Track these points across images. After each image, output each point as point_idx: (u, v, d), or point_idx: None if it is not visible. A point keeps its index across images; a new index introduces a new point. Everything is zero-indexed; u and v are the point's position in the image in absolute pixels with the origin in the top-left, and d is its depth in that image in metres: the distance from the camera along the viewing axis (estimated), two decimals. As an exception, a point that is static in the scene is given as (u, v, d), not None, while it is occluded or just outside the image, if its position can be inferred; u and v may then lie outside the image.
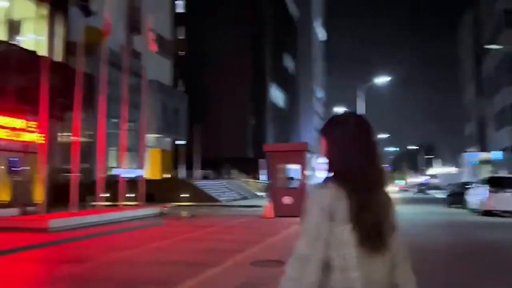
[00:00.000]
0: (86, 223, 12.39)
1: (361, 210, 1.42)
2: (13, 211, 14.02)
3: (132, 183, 20.52)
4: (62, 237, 10.13)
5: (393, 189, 54.23)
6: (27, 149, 14.61)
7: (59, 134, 26.79)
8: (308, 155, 15.88)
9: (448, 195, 25.41)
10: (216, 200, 26.56)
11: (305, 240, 1.42)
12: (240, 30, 46.50)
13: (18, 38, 15.99)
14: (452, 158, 71.62)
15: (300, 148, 15.91)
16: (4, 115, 13.24)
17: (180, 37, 48.27)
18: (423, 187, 54.45)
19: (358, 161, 1.48)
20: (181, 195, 27.04)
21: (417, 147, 77.67)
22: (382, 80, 25.37)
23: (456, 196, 22.95)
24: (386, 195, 1.53)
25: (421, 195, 46.49)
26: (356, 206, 1.42)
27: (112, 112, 27.52)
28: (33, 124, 14.28)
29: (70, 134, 29.01)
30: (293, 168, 16.12)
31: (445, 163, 77.89)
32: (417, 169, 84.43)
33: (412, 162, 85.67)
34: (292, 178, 16.32)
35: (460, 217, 17.34)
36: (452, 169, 65.25)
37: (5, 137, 13.29)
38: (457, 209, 21.13)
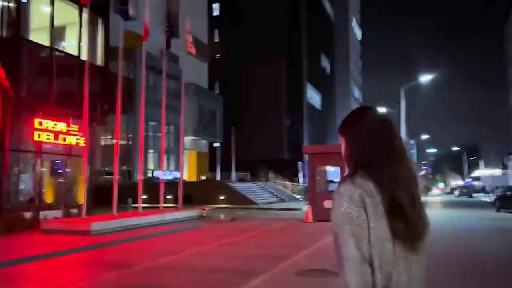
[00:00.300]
0: (127, 226, 12.43)
1: (396, 205, 1.36)
2: (57, 213, 14.30)
3: (169, 185, 20.63)
4: (105, 240, 10.15)
5: (433, 192, 52.34)
6: (69, 152, 14.88)
7: (100, 137, 27.39)
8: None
9: (497, 199, 24.12)
10: (254, 203, 26.37)
11: (352, 241, 1.34)
12: (276, 31, 46.30)
13: (61, 43, 16.36)
14: (498, 159, 68.52)
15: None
16: (47, 119, 13.51)
17: (216, 40, 48.63)
18: (465, 190, 52.25)
19: (384, 155, 1.42)
20: (218, 198, 27.06)
21: (460, 148, 74.65)
22: (425, 78, 24.43)
23: (507, 199, 21.74)
24: (417, 190, 1.45)
25: (464, 198, 44.64)
26: (390, 201, 1.35)
27: (150, 115, 27.95)
28: (75, 127, 14.51)
29: (111, 137, 29.74)
30: (334, 171, 15.65)
31: (489, 165, 74.60)
32: (459, 171, 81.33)
33: (454, 164, 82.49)
34: (332, 181, 15.86)
35: (513, 223, 16.35)
36: (497, 171, 62.38)
37: (48, 140, 13.56)
38: (508, 214, 20.00)
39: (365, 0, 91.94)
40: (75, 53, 15.42)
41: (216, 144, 39.46)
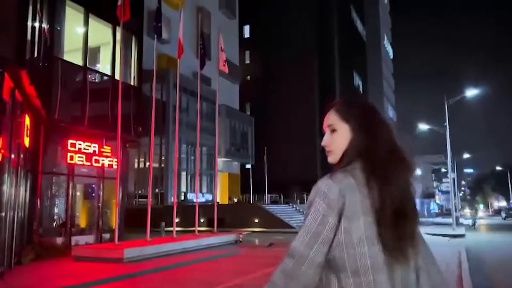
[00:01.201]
0: (161, 252, 11.70)
1: (384, 204, 1.23)
2: (89, 238, 13.75)
3: (202, 207, 19.95)
4: (138, 269, 9.41)
5: (479, 215, 49.43)
6: (102, 174, 14.42)
7: (132, 159, 27.13)
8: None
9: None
10: (289, 226, 25.26)
11: (305, 237, 1.25)
12: (307, 50, 45.76)
13: (95, 64, 16.18)
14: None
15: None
16: (80, 140, 13.11)
17: (247, 62, 48.51)
18: (512, 212, 49.06)
19: (383, 151, 1.31)
20: (252, 220, 26.13)
21: (503, 168, 70.88)
22: (471, 93, 22.99)
23: None
24: (410, 189, 1.31)
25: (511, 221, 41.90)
26: (378, 199, 1.23)
27: (181, 137, 27.60)
28: (108, 148, 14.07)
29: (143, 159, 29.49)
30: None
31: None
32: (502, 192, 77.18)
33: (496, 184, 78.40)
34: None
35: None
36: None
37: (81, 162, 13.13)
38: None
39: (396, 18, 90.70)
40: (108, 74, 15.14)
41: (248, 166, 38.75)
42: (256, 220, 26.27)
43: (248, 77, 46.99)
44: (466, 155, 48.96)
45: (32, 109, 10.73)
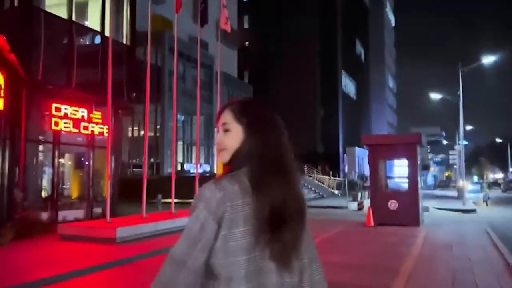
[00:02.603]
0: (159, 230, 10.49)
1: (266, 212, 1.21)
2: (78, 213, 12.52)
3: (200, 179, 18.80)
4: (133, 253, 8.18)
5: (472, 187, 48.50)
6: (92, 143, 13.05)
7: (126, 127, 25.69)
8: (418, 150, 13.06)
9: None
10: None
11: (184, 243, 1.23)
12: (310, 16, 43.67)
13: (84, 21, 14.53)
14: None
15: (411, 141, 13.05)
16: (66, 104, 11.65)
17: (245, 27, 46.41)
18: (513, 184, 48.29)
19: (272, 156, 1.28)
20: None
21: (502, 140, 70.11)
22: (488, 60, 21.56)
23: None
24: (301, 196, 1.31)
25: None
26: (262, 208, 1.21)
27: (177, 104, 26.09)
28: (98, 114, 12.64)
29: (137, 127, 28.05)
30: (400, 166, 13.29)
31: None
32: (499, 164, 76.78)
33: (493, 157, 77.98)
34: (396, 178, 13.53)
35: None
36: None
37: (67, 129, 11.72)
38: None
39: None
40: (98, 30, 13.53)
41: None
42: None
43: (247, 43, 45.03)
44: (468, 127, 47.90)
45: (7, 66, 9.24)
